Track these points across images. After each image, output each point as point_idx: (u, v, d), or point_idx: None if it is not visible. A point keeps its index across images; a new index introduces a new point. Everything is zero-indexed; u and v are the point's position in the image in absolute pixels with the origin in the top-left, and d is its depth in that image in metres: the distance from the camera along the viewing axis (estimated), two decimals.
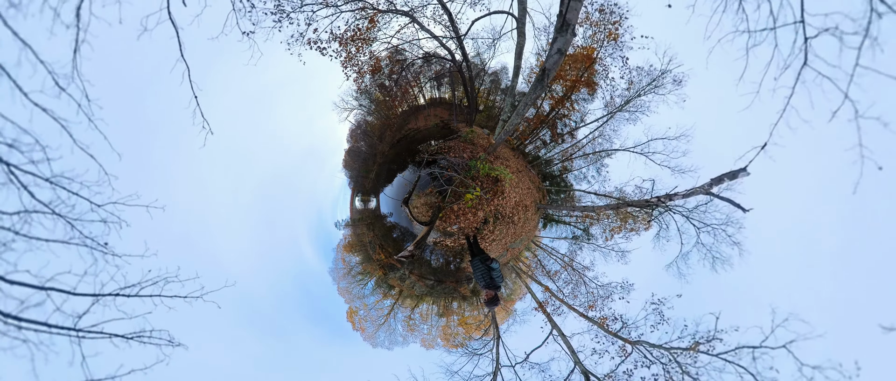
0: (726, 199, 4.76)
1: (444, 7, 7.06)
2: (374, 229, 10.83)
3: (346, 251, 10.51)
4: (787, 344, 4.44)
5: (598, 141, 8.35)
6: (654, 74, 6.62)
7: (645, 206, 6.51)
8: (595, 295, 7.54)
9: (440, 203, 6.78)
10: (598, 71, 7.64)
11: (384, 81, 10.15)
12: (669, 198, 5.87)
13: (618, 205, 7.08)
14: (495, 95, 10.16)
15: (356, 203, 11.01)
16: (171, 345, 4.17)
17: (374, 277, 10.27)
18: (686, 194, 5.43)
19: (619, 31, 6.91)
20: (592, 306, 7.48)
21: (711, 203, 6.20)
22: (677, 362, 5.77)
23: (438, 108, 11.05)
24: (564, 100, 8.57)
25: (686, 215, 6.68)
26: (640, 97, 7.14)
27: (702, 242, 6.48)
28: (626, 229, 8.13)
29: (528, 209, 8.09)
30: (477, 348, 8.00)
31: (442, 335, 9.98)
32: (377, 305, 9.99)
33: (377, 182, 11.28)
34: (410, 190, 7.83)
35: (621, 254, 8.04)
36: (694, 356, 5.61)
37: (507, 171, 7.25)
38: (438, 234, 7.62)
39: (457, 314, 10.14)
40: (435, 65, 9.87)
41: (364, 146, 11.14)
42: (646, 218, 7.66)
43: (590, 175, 8.71)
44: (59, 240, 3.37)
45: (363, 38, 7.56)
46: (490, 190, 7.09)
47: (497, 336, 8.04)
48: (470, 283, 10.45)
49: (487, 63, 9.27)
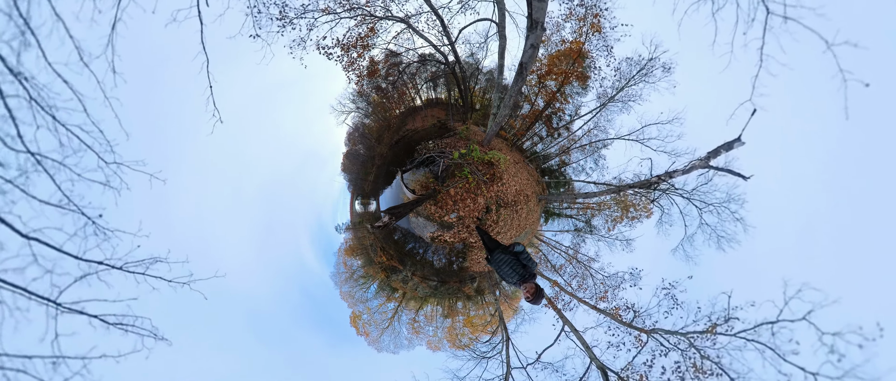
0: (725, 169, 4.77)
1: (437, 14, 7.48)
2: (375, 232, 10.70)
3: (347, 255, 10.32)
4: (806, 315, 4.28)
5: (593, 132, 8.47)
6: (642, 63, 6.84)
7: (646, 186, 6.50)
8: (605, 285, 7.34)
9: (437, 187, 6.73)
10: (588, 64, 7.90)
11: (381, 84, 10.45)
12: (669, 176, 5.88)
13: (619, 188, 7.06)
14: (491, 92, 10.42)
15: (356, 206, 10.94)
16: (155, 338, 3.93)
17: (377, 280, 10.03)
18: (685, 171, 5.45)
19: (601, 22, 7.23)
20: (603, 296, 7.26)
21: (711, 183, 6.21)
22: (695, 347, 5.53)
23: (435, 108, 11.28)
24: (557, 94, 8.79)
25: (687, 197, 6.66)
26: (631, 86, 7.34)
27: (706, 222, 6.42)
28: (628, 217, 8.07)
29: (530, 200, 8.05)
30: (485, 351, 7.65)
31: (448, 336, 9.61)
32: (380, 308, 9.69)
33: (376, 184, 11.28)
34: (409, 164, 7.81)
35: (626, 243, 7.92)
36: (712, 338, 5.39)
37: (502, 154, 7.30)
38: (436, 226, 7.48)
39: (462, 314, 9.82)
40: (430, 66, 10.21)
41: (362, 149, 11.23)
42: (646, 205, 7.62)
43: (588, 167, 8.76)
44: (53, 203, 3.26)
45: (364, 45, 7.95)
46: (486, 174, 7.08)
47: (506, 338, 7.72)
48: (474, 282, 10.20)
49: (481, 62, 9.59)
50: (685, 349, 5.64)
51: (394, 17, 7.68)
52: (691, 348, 5.57)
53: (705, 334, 5.50)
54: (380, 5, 7.54)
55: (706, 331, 5.52)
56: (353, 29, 7.59)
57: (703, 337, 5.52)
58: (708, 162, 5.07)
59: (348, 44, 7.71)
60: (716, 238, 6.30)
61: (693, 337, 5.61)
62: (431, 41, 8.30)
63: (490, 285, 10.06)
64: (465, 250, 8.35)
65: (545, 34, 8.05)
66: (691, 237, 6.64)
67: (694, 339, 5.59)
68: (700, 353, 5.44)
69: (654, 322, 6.34)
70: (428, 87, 10.99)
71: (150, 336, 3.94)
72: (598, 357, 6.40)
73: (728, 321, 5.29)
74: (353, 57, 8.16)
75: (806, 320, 4.29)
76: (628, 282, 7.25)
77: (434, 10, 7.25)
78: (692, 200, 6.49)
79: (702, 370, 5.30)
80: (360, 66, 8.62)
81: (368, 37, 8.15)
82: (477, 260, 8.56)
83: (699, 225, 6.46)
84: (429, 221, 7.17)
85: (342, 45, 7.69)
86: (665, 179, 6.12)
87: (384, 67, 9.70)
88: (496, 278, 9.83)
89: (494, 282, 10.00)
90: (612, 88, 7.60)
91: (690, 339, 5.65)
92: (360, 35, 7.96)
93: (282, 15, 6.40)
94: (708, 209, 6.29)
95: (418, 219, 7.56)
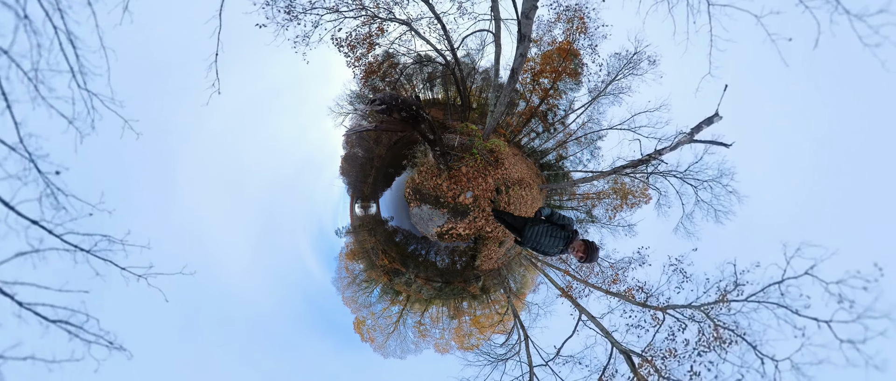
0: (709, 141, 5.16)
1: (439, 19, 7.92)
2: (376, 235, 10.34)
3: (348, 259, 9.83)
4: (809, 270, 4.55)
5: (587, 125, 8.95)
6: (629, 57, 7.47)
7: (638, 165, 6.83)
8: (614, 269, 7.44)
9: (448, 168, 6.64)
10: (577, 61, 8.52)
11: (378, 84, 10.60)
12: (659, 153, 6.25)
13: (613, 172, 7.36)
14: (486, 91, 10.82)
15: (356, 209, 10.60)
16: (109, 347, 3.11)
17: (380, 283, 9.55)
18: (673, 146, 5.82)
19: (586, 23, 7.93)
20: (616, 279, 7.33)
21: (702, 161, 6.67)
22: (711, 317, 5.63)
23: (433, 108, 11.50)
24: (550, 91, 9.31)
25: (681, 177, 7.08)
26: (619, 80, 7.93)
27: (701, 198, 6.81)
28: (627, 204, 8.38)
29: (532, 188, 8.19)
30: (502, 353, 7.28)
31: (455, 338, 9.18)
32: (385, 312, 9.16)
33: (376, 187, 11.07)
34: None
35: (628, 228, 8.17)
36: (726, 307, 5.53)
37: (502, 141, 7.49)
38: (446, 217, 7.29)
39: (468, 314, 9.48)
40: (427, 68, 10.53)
41: (360, 151, 11.09)
42: (644, 190, 7.98)
43: (585, 158, 9.15)
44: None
45: (371, 43, 8.22)
46: (491, 159, 7.16)
47: (524, 336, 7.44)
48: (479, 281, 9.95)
49: (477, 63, 10.04)
50: (701, 321, 5.73)
51: (397, 19, 8.01)
52: (707, 319, 5.67)
53: (718, 304, 5.64)
54: (384, 7, 7.86)
55: (718, 301, 5.67)
56: (359, 28, 7.84)
57: (716, 307, 5.65)
58: (692, 137, 5.46)
59: (356, 41, 7.93)
60: (713, 212, 6.68)
61: (707, 308, 5.73)
62: (432, 43, 8.67)
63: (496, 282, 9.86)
64: (477, 245, 8.18)
65: (538, 34, 8.66)
66: (690, 215, 6.99)
67: (708, 310, 5.71)
68: (716, 323, 5.54)
69: (667, 299, 6.44)
70: (425, 87, 11.26)
71: (106, 344, 3.10)
72: (619, 342, 6.31)
73: (737, 286, 5.48)
74: (362, 53, 8.38)
75: (809, 274, 4.55)
76: (636, 262, 7.40)
77: (436, 15, 7.67)
78: (686, 179, 6.90)
79: (722, 339, 5.38)
80: (367, 62, 8.84)
81: (377, 36, 8.41)
82: (489, 256, 8.38)
83: (696, 202, 6.85)
84: (437, 209, 6.96)
85: (349, 43, 7.89)
86: (655, 157, 6.47)
87: (381, 69, 9.90)
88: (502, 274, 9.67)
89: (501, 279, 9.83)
90: (602, 83, 8.17)
91: (705, 310, 5.76)
92: (368, 33, 8.21)
93: (289, 9, 6.49)
94: (702, 187, 6.70)
95: (422, 211, 7.35)
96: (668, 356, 5.67)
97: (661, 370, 5.76)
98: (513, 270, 9.81)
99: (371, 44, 8.33)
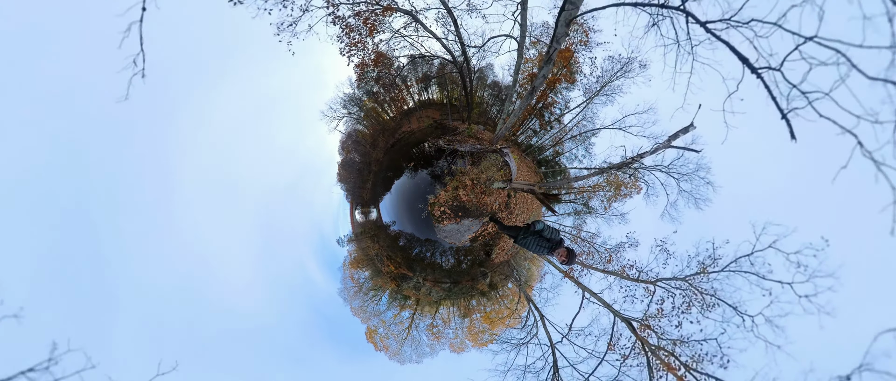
0: (683, 147, 6.11)
1: (451, 15, 7.63)
2: (379, 241, 10.00)
3: (353, 268, 9.39)
4: (772, 244, 5.79)
5: (582, 124, 9.70)
6: (622, 61, 8.26)
7: (624, 166, 7.79)
8: (609, 251, 8.42)
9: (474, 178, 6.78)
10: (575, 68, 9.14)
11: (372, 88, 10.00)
12: (641, 156, 7.20)
13: (603, 170, 8.24)
14: (483, 91, 10.94)
15: (356, 216, 10.07)
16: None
17: (387, 290, 9.36)
18: (653, 151, 6.72)
19: (588, 36, 8.54)
20: (610, 259, 8.33)
21: (683, 157, 7.81)
22: (694, 286, 6.84)
23: (429, 109, 11.27)
24: (548, 92, 9.84)
25: (666, 171, 8.20)
26: (612, 82, 8.73)
27: (683, 189, 8.03)
28: (620, 195, 9.42)
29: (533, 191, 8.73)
30: (522, 337, 7.88)
31: (469, 336, 9.53)
32: (396, 319, 9.06)
33: (375, 192, 10.60)
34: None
35: (621, 217, 9.23)
36: (705, 277, 6.75)
37: (516, 155, 7.83)
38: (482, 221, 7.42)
39: (478, 312, 9.88)
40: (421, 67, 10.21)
41: (357, 156, 10.47)
42: (635, 182, 9.04)
43: (580, 154, 9.96)
44: None
45: (373, 26, 7.57)
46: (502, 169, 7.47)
47: (540, 316, 8.11)
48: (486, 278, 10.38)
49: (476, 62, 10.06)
50: (686, 289, 6.93)
51: (401, 9, 7.53)
52: (691, 288, 6.88)
53: (700, 275, 6.86)
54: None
55: (699, 272, 6.90)
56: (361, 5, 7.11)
57: (698, 278, 6.87)
58: (670, 143, 6.41)
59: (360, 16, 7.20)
60: (694, 200, 7.95)
61: (691, 279, 6.93)
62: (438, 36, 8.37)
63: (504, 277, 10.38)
64: (494, 239, 8.49)
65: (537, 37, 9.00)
66: (674, 203, 8.21)
67: (692, 280, 6.91)
68: (698, 290, 6.76)
69: (656, 274, 7.58)
70: (420, 88, 10.93)
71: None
72: (619, 311, 7.32)
73: (715, 260, 6.71)
74: (362, 35, 7.65)
75: (773, 248, 5.80)
76: (627, 245, 8.49)
77: (449, 10, 7.41)
78: (670, 173, 8.05)
79: (705, 304, 6.59)
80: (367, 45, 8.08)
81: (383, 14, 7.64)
82: (503, 248, 8.80)
83: (679, 192, 8.06)
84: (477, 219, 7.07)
85: (347, 27, 7.15)
86: (638, 160, 7.44)
87: (375, 70, 9.33)
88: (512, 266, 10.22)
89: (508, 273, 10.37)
90: (596, 85, 8.90)
91: (689, 281, 6.96)
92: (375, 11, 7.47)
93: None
94: (683, 179, 7.90)
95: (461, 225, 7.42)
96: (659, 317, 6.78)
97: (657, 330, 6.88)
98: (519, 263, 10.40)
99: (373, 27, 7.58)
